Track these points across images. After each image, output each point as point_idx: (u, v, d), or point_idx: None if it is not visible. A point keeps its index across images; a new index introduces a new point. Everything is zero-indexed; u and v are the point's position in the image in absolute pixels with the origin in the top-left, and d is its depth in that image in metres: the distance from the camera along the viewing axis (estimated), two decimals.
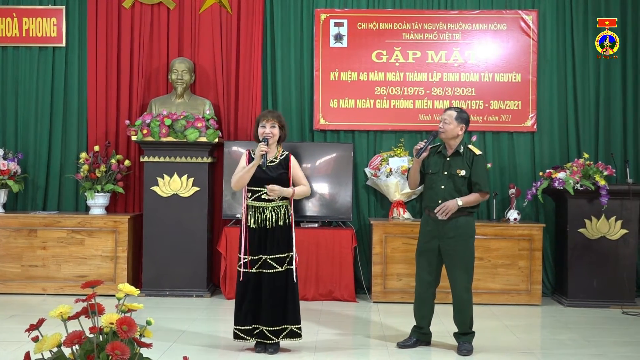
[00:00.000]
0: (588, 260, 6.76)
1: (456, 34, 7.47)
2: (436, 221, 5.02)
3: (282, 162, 4.92)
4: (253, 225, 4.80)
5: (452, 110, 5.10)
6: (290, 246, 4.87)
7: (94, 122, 7.43)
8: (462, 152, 5.05)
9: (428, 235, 5.09)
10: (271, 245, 4.81)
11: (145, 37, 7.44)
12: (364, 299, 6.95)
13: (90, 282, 2.67)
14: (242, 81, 7.45)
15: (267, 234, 4.81)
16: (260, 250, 4.81)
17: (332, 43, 7.49)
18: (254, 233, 4.81)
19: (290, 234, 4.89)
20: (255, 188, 4.83)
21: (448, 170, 5.02)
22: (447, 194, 4.99)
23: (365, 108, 7.46)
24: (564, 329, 5.94)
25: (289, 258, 4.86)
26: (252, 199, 4.84)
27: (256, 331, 4.84)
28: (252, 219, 4.82)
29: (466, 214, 5.02)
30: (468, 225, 5.03)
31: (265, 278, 4.80)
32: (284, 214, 4.85)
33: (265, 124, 4.87)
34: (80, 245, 6.92)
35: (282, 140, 4.99)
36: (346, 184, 7.08)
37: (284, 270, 4.83)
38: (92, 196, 7.04)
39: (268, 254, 4.80)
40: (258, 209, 4.81)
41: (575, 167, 6.75)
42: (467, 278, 5.02)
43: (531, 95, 7.40)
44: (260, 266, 4.80)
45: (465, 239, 5.01)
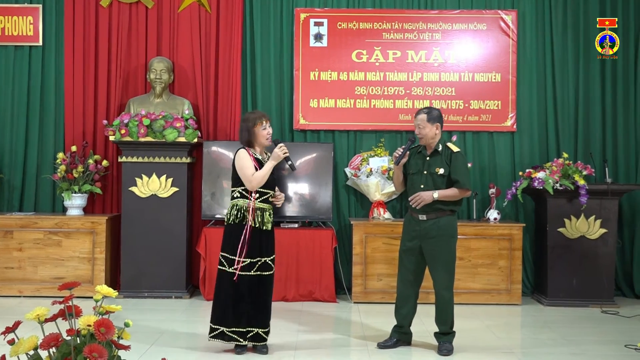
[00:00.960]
0: (567, 260, 6.82)
1: (436, 34, 7.51)
2: (418, 221, 5.06)
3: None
4: (258, 226, 4.82)
5: (422, 114, 5.11)
6: (274, 248, 5.00)
7: (71, 122, 7.38)
8: (441, 150, 5.09)
9: (410, 235, 5.13)
10: (267, 246, 4.87)
11: (123, 36, 7.41)
12: (344, 300, 6.96)
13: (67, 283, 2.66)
14: (222, 81, 7.44)
15: (266, 235, 4.87)
16: (260, 252, 4.83)
17: (312, 42, 7.49)
18: (256, 235, 4.83)
19: (273, 235, 5.00)
20: (265, 190, 4.88)
21: (428, 169, 5.07)
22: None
23: (345, 108, 7.47)
24: (544, 328, 5.99)
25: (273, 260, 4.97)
26: (260, 200, 4.86)
27: (251, 334, 4.82)
28: (257, 220, 4.82)
29: (448, 213, 5.06)
30: (450, 225, 5.06)
31: (263, 280, 4.84)
32: (271, 215, 4.96)
33: (266, 124, 4.95)
34: (58, 246, 6.87)
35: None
36: (326, 184, 7.09)
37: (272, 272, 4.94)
38: (70, 197, 7.00)
39: (266, 256, 4.85)
40: (264, 211, 4.87)
41: (554, 166, 6.80)
42: (448, 278, 5.06)
43: (511, 95, 7.45)
44: (259, 268, 4.82)
45: (447, 239, 5.04)
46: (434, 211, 5.02)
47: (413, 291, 5.19)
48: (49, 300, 2.77)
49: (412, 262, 5.13)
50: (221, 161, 7.11)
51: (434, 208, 5.02)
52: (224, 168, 7.08)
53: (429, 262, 5.08)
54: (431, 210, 5.02)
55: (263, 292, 4.86)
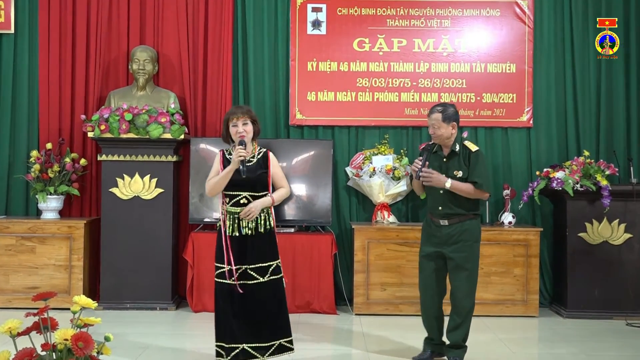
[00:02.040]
0: (589, 268, 6.82)
1: (445, 21, 7.51)
2: (439, 226, 5.08)
3: (260, 160, 4.88)
4: (233, 233, 4.75)
5: (436, 113, 5.12)
6: (273, 254, 4.84)
7: (46, 117, 7.38)
8: (459, 150, 5.09)
9: (431, 241, 5.15)
10: (252, 254, 4.75)
11: (103, 22, 7.40)
12: (345, 311, 6.96)
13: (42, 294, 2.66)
14: (211, 72, 7.44)
15: (247, 242, 4.76)
16: (240, 259, 4.74)
17: (310, 30, 7.50)
18: (234, 241, 4.75)
19: (273, 240, 4.87)
20: (233, 192, 4.79)
21: (446, 172, 5.07)
22: (446, 198, 5.05)
23: (346, 101, 7.47)
24: (563, 342, 5.99)
25: (274, 267, 4.81)
26: (231, 204, 4.78)
27: (236, 350, 4.71)
28: (231, 226, 4.76)
29: (471, 217, 5.09)
30: (474, 229, 5.10)
31: (250, 290, 4.74)
32: (265, 219, 4.81)
33: (237, 122, 4.79)
34: (31, 253, 6.87)
35: (257, 135, 4.95)
36: (325, 185, 7.10)
37: (268, 280, 4.78)
38: (44, 199, 6.99)
39: (249, 264, 4.74)
40: (237, 215, 4.76)
41: (574, 165, 6.80)
42: (470, 286, 5.07)
43: (527, 87, 7.46)
44: (240, 277, 4.73)
45: (471, 244, 5.07)
46: (456, 215, 5.04)
47: (437, 300, 5.20)
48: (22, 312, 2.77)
49: (434, 268, 5.15)
50: (210, 160, 7.09)
51: (456, 212, 5.04)
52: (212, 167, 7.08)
53: (450, 268, 5.10)
54: (453, 215, 5.04)
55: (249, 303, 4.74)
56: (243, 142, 4.73)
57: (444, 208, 5.05)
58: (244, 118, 4.81)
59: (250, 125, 4.83)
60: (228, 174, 4.72)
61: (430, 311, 5.21)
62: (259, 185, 4.79)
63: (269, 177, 4.87)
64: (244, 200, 4.75)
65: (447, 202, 5.04)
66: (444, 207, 5.05)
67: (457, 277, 5.06)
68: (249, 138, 4.83)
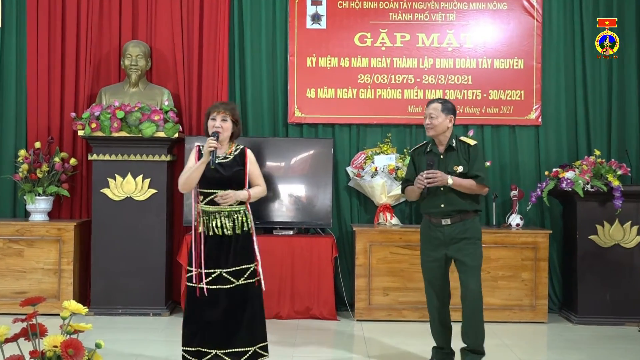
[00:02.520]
0: (600, 272, 6.82)
1: (450, 14, 7.51)
2: (440, 227, 5.06)
3: (237, 157, 4.85)
4: (209, 233, 4.72)
5: (436, 103, 5.15)
6: (250, 257, 4.80)
7: (34, 115, 7.38)
8: (456, 145, 5.09)
9: (432, 244, 5.14)
10: (227, 256, 4.72)
11: (94, 16, 7.40)
12: (345, 317, 6.96)
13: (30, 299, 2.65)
14: (206, 68, 7.44)
15: (222, 243, 4.73)
16: (216, 263, 4.71)
17: (309, 24, 7.50)
18: (208, 243, 4.73)
19: (250, 243, 4.82)
20: (206, 190, 4.76)
21: (444, 168, 5.05)
22: (448, 196, 5.03)
23: (346, 98, 7.47)
24: (573, 349, 5.99)
25: (250, 271, 4.77)
26: (205, 202, 4.76)
27: (208, 356, 4.70)
28: (205, 226, 4.74)
29: (473, 215, 5.09)
30: (476, 227, 5.11)
31: (223, 295, 4.69)
32: (242, 220, 4.78)
33: (216, 116, 4.79)
34: (19, 256, 6.86)
35: (236, 137, 4.92)
36: (325, 186, 7.09)
37: (244, 284, 4.73)
38: (33, 200, 6.99)
39: (224, 267, 4.70)
40: (212, 214, 4.73)
41: (585, 165, 6.80)
42: (479, 284, 5.08)
43: (535, 84, 7.46)
44: (215, 281, 4.69)
45: (474, 241, 5.08)
46: (458, 213, 5.04)
47: (445, 305, 5.20)
48: (10, 318, 2.76)
49: (439, 273, 5.14)
50: None
51: (458, 209, 5.03)
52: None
53: (458, 267, 5.10)
54: (455, 213, 5.04)
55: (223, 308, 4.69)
56: (216, 134, 4.71)
57: (446, 205, 5.03)
58: (224, 114, 4.80)
59: (229, 123, 4.80)
60: (200, 167, 4.69)
61: (440, 320, 5.20)
62: (235, 182, 4.76)
63: (246, 175, 4.84)
64: (218, 199, 4.72)
65: (449, 199, 5.03)
66: (446, 204, 5.03)
67: (467, 276, 5.04)
68: (226, 136, 4.80)
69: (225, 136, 4.80)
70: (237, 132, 4.90)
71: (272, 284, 6.79)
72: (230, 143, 4.89)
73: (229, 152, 4.84)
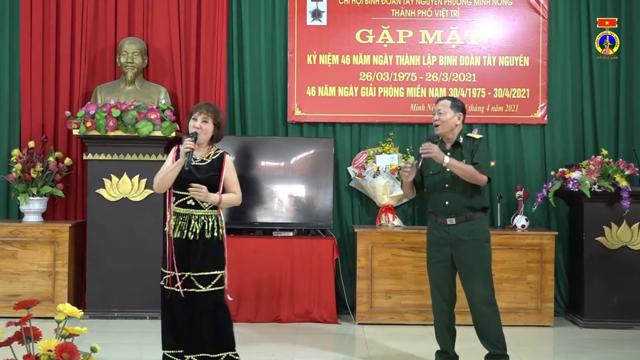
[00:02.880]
0: (607, 274, 6.83)
1: (454, 11, 7.52)
2: (446, 226, 5.06)
3: (214, 162, 4.80)
4: (176, 235, 4.71)
5: (445, 99, 5.18)
6: (218, 264, 4.76)
7: (28, 114, 7.38)
8: (462, 142, 5.10)
9: (438, 244, 5.13)
10: (195, 260, 4.69)
11: (89, 12, 7.41)
12: (347, 320, 6.97)
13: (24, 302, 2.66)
14: (204, 65, 7.45)
15: (190, 247, 4.71)
16: (185, 265, 4.70)
17: (310, 21, 7.50)
18: (178, 245, 4.71)
19: (220, 249, 4.79)
20: (179, 192, 4.74)
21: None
22: (453, 193, 5.03)
23: (348, 97, 7.48)
24: (580, 353, 6.00)
25: (218, 278, 4.73)
26: (177, 204, 4.76)
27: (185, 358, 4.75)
28: (176, 227, 4.73)
29: (480, 214, 5.09)
30: (483, 228, 5.10)
31: (193, 298, 4.69)
32: (213, 225, 4.74)
33: (197, 116, 4.76)
34: (12, 258, 6.87)
35: (216, 141, 4.89)
36: (326, 186, 7.10)
37: (209, 291, 4.69)
38: (26, 200, 7.00)
39: (192, 271, 4.69)
40: (183, 216, 4.72)
41: (592, 165, 6.80)
42: (487, 289, 5.05)
43: (541, 81, 7.46)
44: (185, 284, 4.69)
45: (481, 244, 5.06)
46: (463, 212, 5.04)
47: (451, 309, 5.19)
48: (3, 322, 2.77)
49: (445, 275, 5.13)
50: None
51: (464, 206, 5.03)
52: None
53: (462, 272, 5.08)
54: (461, 212, 5.04)
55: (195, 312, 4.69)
56: (195, 134, 4.68)
57: (451, 202, 5.03)
58: (206, 115, 4.77)
59: (210, 125, 4.77)
60: (176, 168, 4.66)
61: (445, 323, 5.19)
62: (208, 187, 4.68)
63: (221, 181, 4.79)
64: (190, 202, 4.71)
65: (454, 195, 5.03)
66: (450, 201, 5.03)
67: (472, 282, 5.03)
68: (205, 138, 4.77)
69: (204, 138, 4.77)
70: (217, 136, 4.87)
71: (272, 287, 6.83)
72: (210, 146, 4.86)
73: (206, 156, 4.80)
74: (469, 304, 5.09)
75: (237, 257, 6.80)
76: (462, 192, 5.03)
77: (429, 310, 5.36)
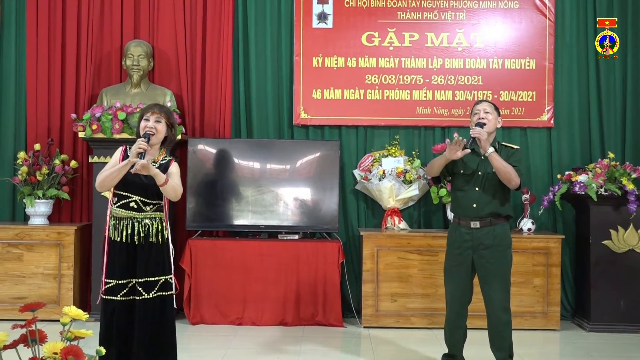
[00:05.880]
0: (614, 278, 6.82)
1: (460, 13, 7.52)
2: (469, 229, 5.04)
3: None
4: (117, 239, 4.54)
5: (487, 102, 5.23)
6: (164, 268, 4.60)
7: (34, 116, 7.40)
8: (498, 149, 5.09)
9: (460, 247, 5.09)
10: (141, 266, 4.53)
11: (95, 15, 7.43)
12: (352, 324, 6.97)
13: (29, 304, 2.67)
14: (210, 68, 7.46)
15: (136, 252, 4.54)
16: (129, 273, 4.53)
17: (315, 23, 7.51)
18: (120, 250, 4.52)
19: (165, 253, 4.63)
20: (122, 193, 4.57)
21: (483, 170, 5.05)
22: (482, 197, 5.02)
23: (353, 99, 7.48)
24: (586, 357, 5.98)
25: (163, 283, 4.58)
26: (118, 206, 4.59)
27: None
28: (116, 231, 4.55)
29: (503, 220, 5.08)
30: (506, 233, 5.09)
31: (136, 307, 4.53)
32: (158, 228, 4.61)
33: (150, 116, 4.62)
34: (18, 261, 6.89)
35: (169, 143, 4.75)
36: (331, 189, 7.11)
37: (155, 297, 4.54)
38: (32, 203, 7.01)
39: (138, 277, 4.53)
40: (124, 220, 4.54)
41: (598, 168, 6.80)
42: (505, 296, 5.04)
43: (547, 84, 7.46)
44: (129, 292, 4.54)
45: (503, 250, 5.05)
46: (489, 216, 5.02)
47: (465, 312, 5.18)
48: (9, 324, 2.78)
49: (464, 278, 5.10)
50: (209, 162, 7.13)
51: (490, 211, 5.02)
52: (212, 170, 7.10)
53: (481, 277, 5.07)
54: (486, 216, 5.02)
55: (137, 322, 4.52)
56: (147, 135, 4.52)
57: (479, 205, 5.00)
58: (158, 115, 4.63)
59: (163, 125, 4.63)
60: (124, 168, 4.46)
61: (457, 326, 5.17)
62: (152, 191, 4.55)
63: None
64: (133, 204, 4.55)
65: (484, 199, 5.01)
66: (478, 204, 5.01)
67: (491, 287, 5.02)
68: (158, 139, 4.62)
69: (158, 139, 4.62)
70: (170, 138, 4.73)
71: (277, 290, 6.82)
72: (161, 150, 4.72)
73: (156, 159, 4.63)
74: (487, 308, 5.08)
75: (243, 260, 6.83)
76: (492, 196, 5.02)
77: (435, 314, 5.36)
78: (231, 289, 6.84)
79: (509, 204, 5.13)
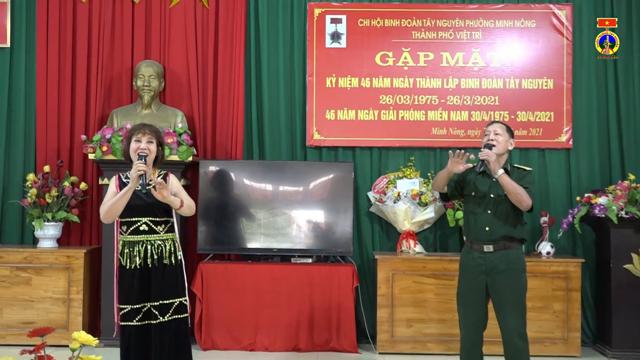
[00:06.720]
0: (636, 302, 6.74)
1: (476, 33, 7.51)
2: (482, 254, 5.00)
3: None
4: (131, 265, 4.58)
5: (499, 123, 5.20)
6: (178, 290, 4.66)
7: (43, 138, 7.43)
8: (510, 170, 5.05)
9: (473, 272, 5.05)
10: (155, 289, 4.59)
11: (105, 35, 7.46)
12: (367, 350, 6.92)
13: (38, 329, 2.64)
14: (221, 89, 7.47)
15: (150, 275, 4.60)
16: (143, 296, 4.59)
17: (329, 43, 7.52)
18: (134, 276, 4.59)
19: (179, 274, 4.69)
20: (130, 219, 4.62)
21: (495, 192, 5.01)
22: (495, 220, 4.98)
23: (368, 120, 7.47)
24: None
25: (178, 305, 4.64)
26: (129, 232, 4.62)
27: None
28: (128, 257, 4.60)
29: (517, 244, 5.03)
30: (520, 258, 5.04)
31: (152, 332, 4.58)
32: (171, 249, 4.66)
33: (141, 137, 4.66)
34: (27, 285, 6.87)
35: (159, 162, 4.78)
36: (345, 211, 7.07)
37: (169, 320, 4.60)
38: (41, 226, 7.01)
39: (153, 301, 4.58)
40: (137, 244, 4.59)
41: (619, 190, 6.75)
42: (521, 321, 4.98)
43: (566, 104, 7.43)
44: (144, 317, 4.59)
45: (518, 274, 4.99)
46: (502, 240, 4.98)
47: (480, 339, 5.11)
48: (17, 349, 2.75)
49: (478, 303, 5.04)
50: (220, 184, 7.11)
51: (503, 235, 4.98)
52: (223, 192, 7.08)
53: (496, 302, 5.01)
54: (500, 239, 4.98)
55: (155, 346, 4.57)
56: (143, 157, 4.56)
57: (491, 229, 4.96)
58: (150, 136, 4.67)
59: (155, 146, 4.69)
60: (126, 194, 4.50)
61: (474, 353, 5.10)
62: (159, 209, 4.61)
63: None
64: (144, 227, 4.60)
65: (497, 222, 4.97)
66: (491, 227, 4.97)
67: (507, 313, 4.95)
68: (151, 159, 4.66)
69: (151, 158, 4.66)
70: (161, 157, 4.77)
71: (290, 315, 6.78)
72: (154, 168, 4.75)
73: (151, 179, 4.61)
74: (502, 334, 5.01)
75: (255, 285, 6.80)
76: (505, 220, 4.98)
77: (452, 340, 5.30)
78: (243, 314, 6.80)
79: (522, 227, 5.08)
